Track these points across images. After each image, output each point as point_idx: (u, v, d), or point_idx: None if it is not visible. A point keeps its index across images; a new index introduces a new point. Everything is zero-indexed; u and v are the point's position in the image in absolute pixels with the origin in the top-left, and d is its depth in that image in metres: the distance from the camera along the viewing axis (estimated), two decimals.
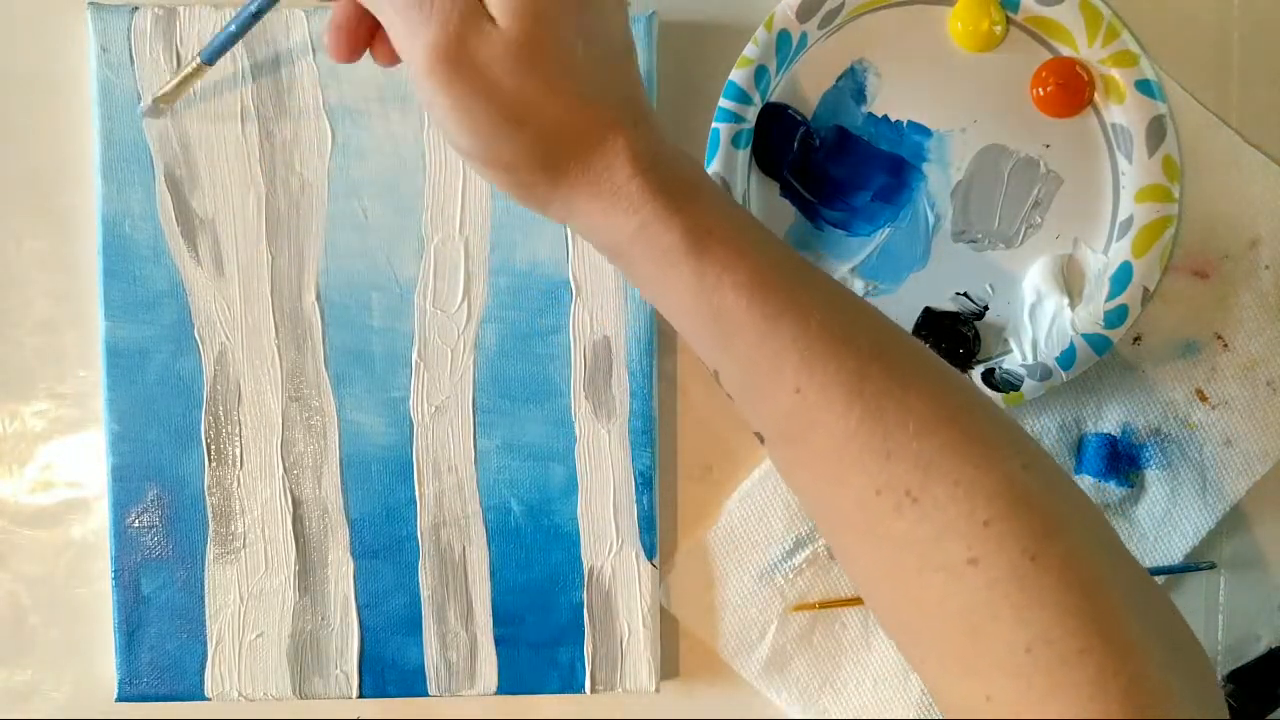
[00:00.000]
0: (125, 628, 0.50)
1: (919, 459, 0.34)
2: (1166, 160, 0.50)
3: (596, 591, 0.51)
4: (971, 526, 0.33)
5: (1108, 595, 0.32)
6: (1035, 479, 0.34)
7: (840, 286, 0.38)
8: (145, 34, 0.49)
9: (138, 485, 0.50)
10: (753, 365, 0.36)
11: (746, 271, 0.35)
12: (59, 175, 0.51)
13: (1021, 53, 0.50)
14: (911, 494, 0.34)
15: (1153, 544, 0.52)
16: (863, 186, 0.51)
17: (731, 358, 0.36)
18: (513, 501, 0.51)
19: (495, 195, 0.50)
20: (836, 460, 0.35)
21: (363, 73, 0.50)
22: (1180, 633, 0.34)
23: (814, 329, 0.35)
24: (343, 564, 0.51)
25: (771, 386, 0.35)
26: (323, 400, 0.50)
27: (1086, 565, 0.33)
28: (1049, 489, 0.34)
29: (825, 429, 0.35)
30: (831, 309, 0.36)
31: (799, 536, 0.52)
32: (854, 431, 0.34)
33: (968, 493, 0.33)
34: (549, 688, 0.51)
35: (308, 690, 0.51)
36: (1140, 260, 0.50)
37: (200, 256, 0.50)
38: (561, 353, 0.51)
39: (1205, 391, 0.52)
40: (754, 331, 0.35)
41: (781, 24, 0.49)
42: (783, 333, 0.35)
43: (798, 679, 0.52)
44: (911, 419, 0.34)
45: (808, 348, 0.35)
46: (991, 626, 0.32)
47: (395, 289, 0.50)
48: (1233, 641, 0.53)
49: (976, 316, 0.51)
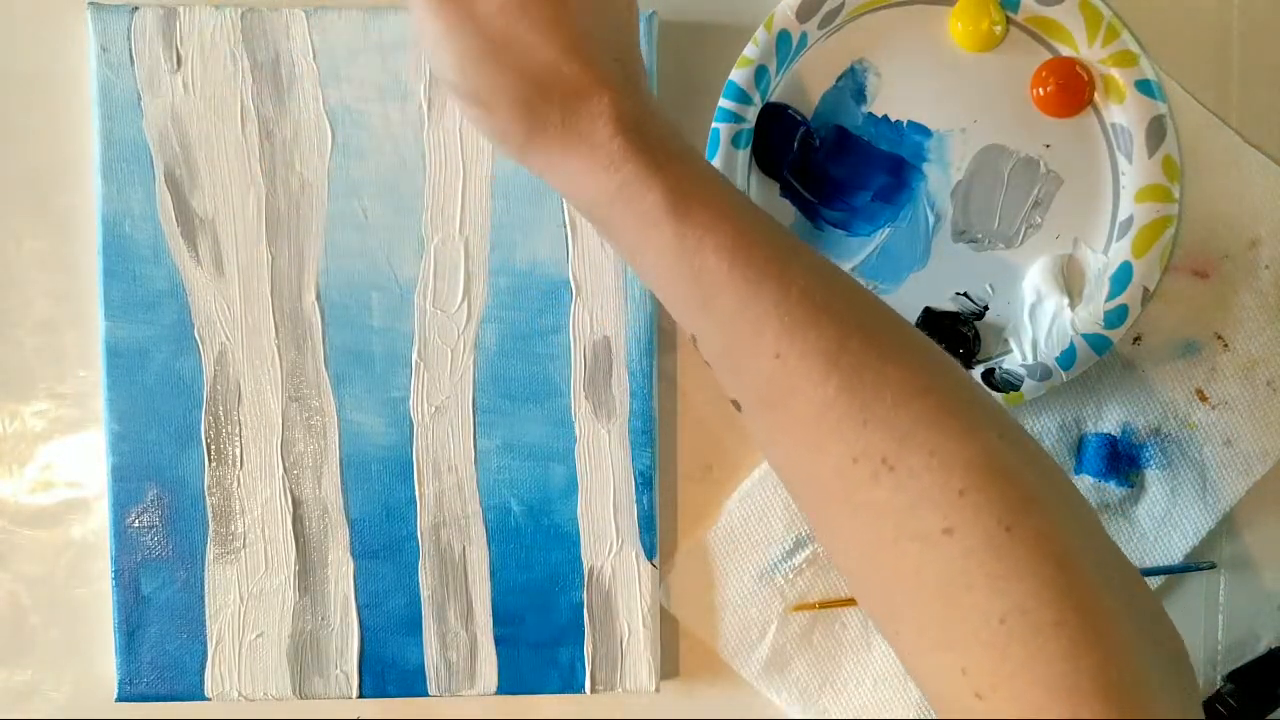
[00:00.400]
0: (125, 628, 0.50)
1: (896, 428, 0.34)
2: (1166, 160, 0.50)
3: (596, 591, 0.51)
4: (947, 496, 0.33)
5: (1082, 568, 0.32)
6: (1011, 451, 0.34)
7: (823, 257, 0.38)
8: (145, 34, 0.49)
9: (138, 485, 0.50)
10: (733, 329, 0.36)
11: (729, 234, 0.35)
12: (59, 175, 0.51)
13: (1021, 53, 0.50)
14: (888, 462, 0.34)
15: (1153, 544, 0.52)
16: (863, 186, 0.51)
17: (711, 321, 0.36)
18: (513, 501, 0.51)
19: (495, 195, 0.50)
20: (815, 427, 0.35)
21: (363, 73, 0.50)
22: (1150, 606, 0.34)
23: (795, 295, 0.35)
24: (343, 564, 0.51)
25: (751, 351, 0.35)
26: (323, 400, 0.50)
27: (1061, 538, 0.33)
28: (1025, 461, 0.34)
29: (804, 395, 0.35)
30: (814, 276, 0.36)
31: (799, 536, 0.52)
32: (832, 399, 0.34)
33: (943, 462, 0.33)
34: (549, 688, 0.51)
35: (308, 690, 0.51)
36: (1140, 260, 0.50)
37: (200, 256, 0.50)
38: (561, 353, 0.51)
39: (1205, 391, 0.52)
40: (735, 295, 0.35)
41: (781, 24, 0.49)
42: (764, 297, 0.35)
43: (798, 679, 0.52)
44: (889, 389, 0.34)
45: (789, 313, 0.35)
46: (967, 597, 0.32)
47: (395, 289, 0.50)
48: (1233, 641, 0.53)
49: (976, 316, 0.51)
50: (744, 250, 0.35)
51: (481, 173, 0.50)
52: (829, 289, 0.36)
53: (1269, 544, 0.53)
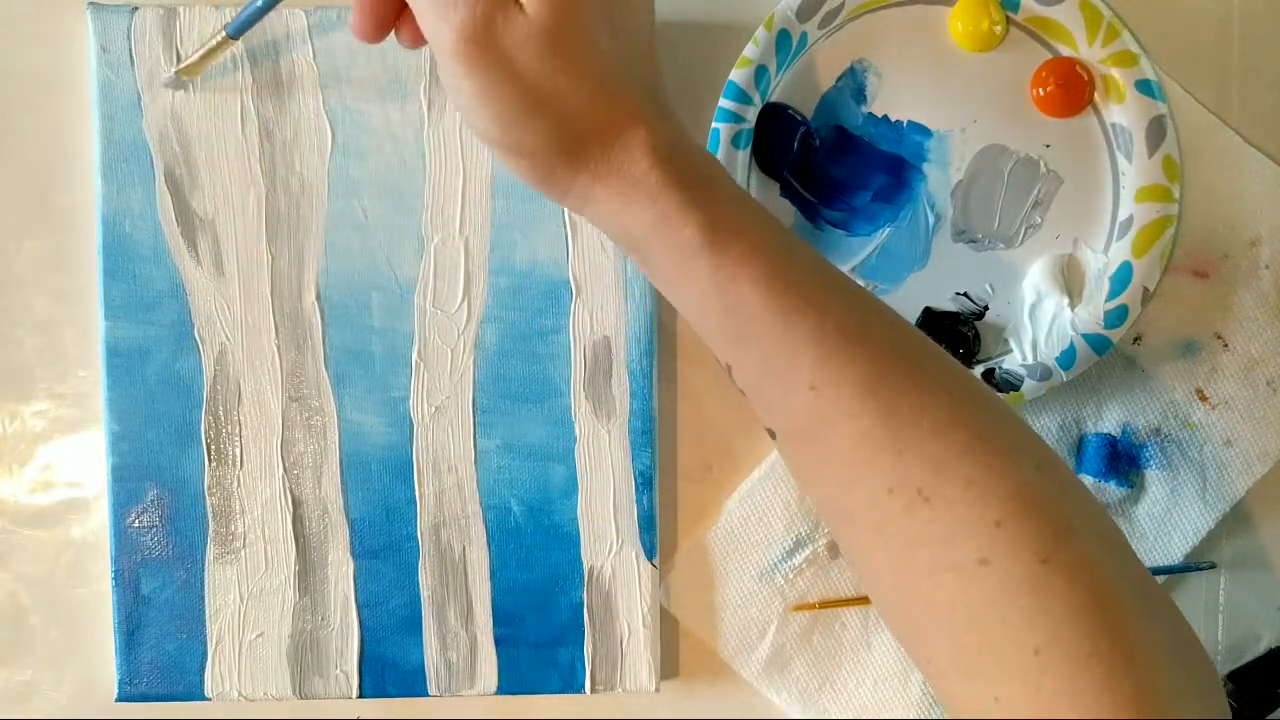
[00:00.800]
0: (125, 628, 0.50)
1: (932, 459, 0.34)
2: (1166, 160, 0.50)
3: (596, 591, 0.51)
4: (983, 527, 0.33)
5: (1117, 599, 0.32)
6: (1047, 482, 0.34)
7: (856, 284, 0.38)
8: (145, 34, 0.49)
9: (138, 485, 0.50)
10: (768, 361, 0.36)
11: (763, 266, 0.35)
12: (59, 175, 0.51)
13: (1021, 53, 0.50)
14: (924, 493, 0.34)
15: (1153, 544, 0.52)
16: (863, 186, 0.51)
17: (746, 353, 0.36)
18: (513, 501, 0.51)
19: (495, 195, 0.50)
20: (850, 458, 0.35)
21: (363, 72, 0.50)
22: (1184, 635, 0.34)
23: (830, 326, 0.35)
24: (343, 564, 0.51)
25: (786, 383, 0.35)
26: (323, 400, 0.50)
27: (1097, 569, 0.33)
28: (1061, 492, 0.34)
29: (839, 427, 0.35)
30: (848, 306, 0.36)
31: (799, 536, 0.52)
32: (868, 430, 0.34)
33: (980, 494, 0.33)
34: (549, 688, 0.51)
35: (308, 690, 0.51)
36: (1140, 260, 0.50)
37: (200, 256, 0.50)
38: (561, 353, 0.51)
39: (1205, 391, 0.52)
40: (770, 327, 0.35)
41: (781, 24, 0.49)
42: (799, 329, 0.35)
43: (798, 679, 0.52)
44: (925, 419, 0.34)
45: (824, 344, 0.35)
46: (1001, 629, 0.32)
47: (395, 289, 0.50)
48: (1233, 641, 0.53)
49: (976, 316, 0.51)
50: (779, 282, 0.35)
51: (481, 173, 0.50)
52: (864, 320, 0.36)
53: (1269, 544, 0.53)
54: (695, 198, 0.36)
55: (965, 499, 0.33)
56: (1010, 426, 0.35)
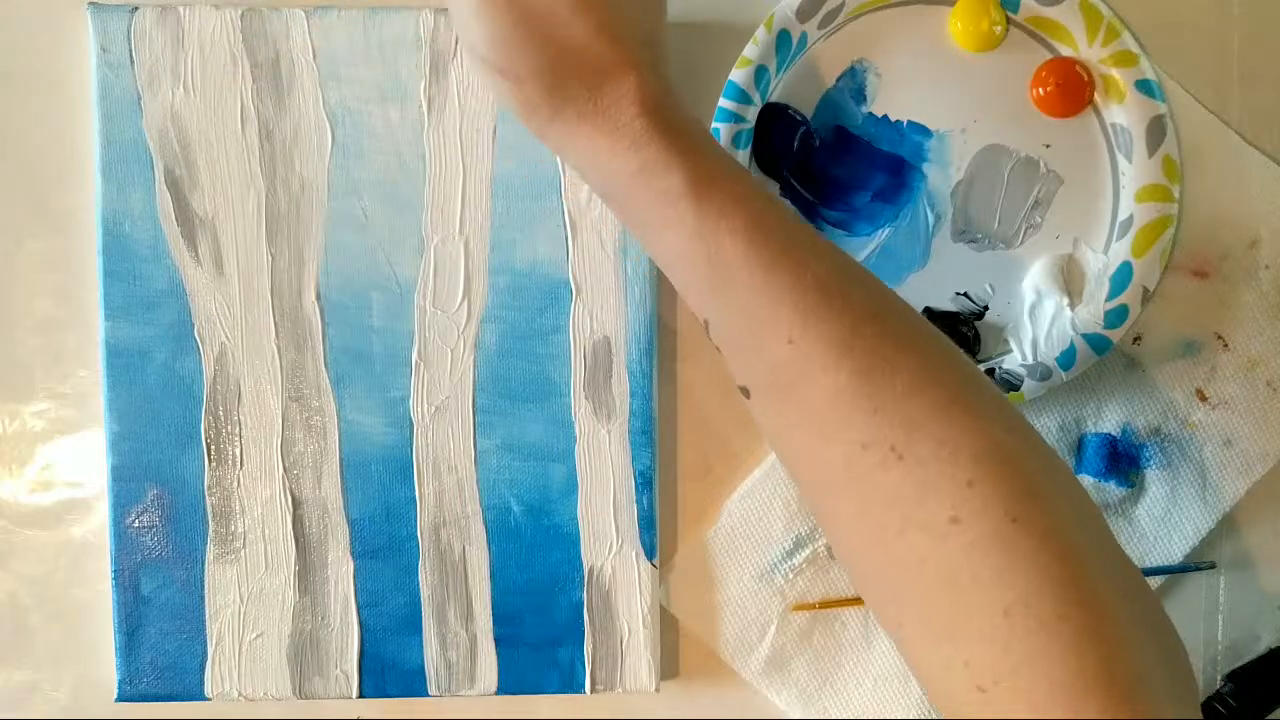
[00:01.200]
0: (125, 628, 0.50)
1: (906, 417, 0.34)
2: (1166, 160, 0.50)
3: (596, 591, 0.51)
4: (955, 486, 0.33)
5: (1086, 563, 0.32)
6: (1019, 444, 0.34)
7: (836, 246, 0.38)
8: (145, 34, 0.49)
9: (138, 485, 0.50)
10: (746, 313, 0.36)
11: (745, 219, 0.36)
12: (59, 175, 0.51)
13: (1021, 53, 0.50)
14: (897, 450, 0.34)
15: (1153, 544, 0.52)
16: (863, 186, 0.51)
17: (725, 305, 0.36)
18: (513, 501, 0.51)
19: (495, 195, 0.50)
20: (825, 414, 0.35)
21: (363, 73, 0.50)
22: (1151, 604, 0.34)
23: (810, 281, 0.35)
24: (343, 564, 0.51)
25: (764, 336, 0.36)
26: (323, 400, 0.50)
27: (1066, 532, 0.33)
28: (1031, 455, 0.34)
29: (815, 381, 0.35)
30: (828, 264, 0.36)
31: (799, 536, 0.52)
32: (844, 386, 0.34)
33: (952, 452, 0.33)
34: (549, 688, 0.51)
35: (308, 690, 0.51)
36: (1140, 260, 0.50)
37: (200, 256, 0.50)
38: (561, 353, 0.51)
39: (1205, 391, 0.52)
40: (750, 279, 0.35)
41: (781, 24, 0.49)
42: (779, 282, 0.35)
43: (798, 679, 0.52)
44: (900, 378, 0.34)
45: (803, 299, 0.35)
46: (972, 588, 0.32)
47: (395, 289, 0.50)
48: (1233, 641, 0.53)
49: (976, 316, 0.51)
50: (761, 234, 0.36)
51: (481, 173, 0.50)
52: (844, 277, 0.36)
53: (1269, 544, 0.53)
54: (680, 147, 0.36)
55: (938, 458, 0.33)
56: (983, 389, 0.36)
